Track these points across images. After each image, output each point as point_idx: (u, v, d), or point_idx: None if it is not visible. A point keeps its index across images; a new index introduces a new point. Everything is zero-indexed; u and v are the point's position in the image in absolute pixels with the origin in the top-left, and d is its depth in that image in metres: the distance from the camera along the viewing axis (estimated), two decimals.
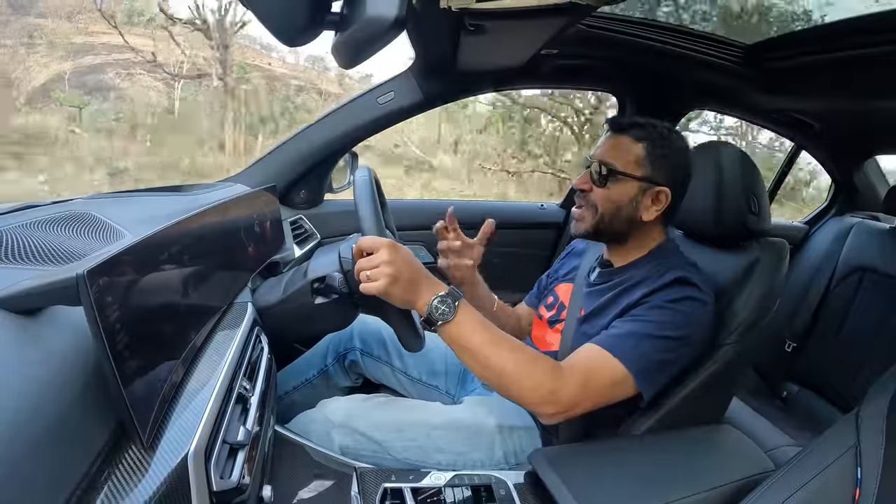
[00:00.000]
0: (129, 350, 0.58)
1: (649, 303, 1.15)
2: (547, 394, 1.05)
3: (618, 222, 1.25)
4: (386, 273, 0.99)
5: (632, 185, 1.22)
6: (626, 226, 1.26)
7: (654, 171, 1.22)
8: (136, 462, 0.57)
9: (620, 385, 1.10)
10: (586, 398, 1.08)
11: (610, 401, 1.11)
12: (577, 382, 1.07)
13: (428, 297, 1.02)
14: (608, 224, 1.25)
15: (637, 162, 1.22)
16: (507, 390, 1.06)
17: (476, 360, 1.04)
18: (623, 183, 1.22)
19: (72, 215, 0.97)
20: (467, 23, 1.26)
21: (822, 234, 2.76)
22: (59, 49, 8.51)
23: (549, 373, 1.06)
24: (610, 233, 1.28)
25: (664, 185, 1.23)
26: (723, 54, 1.90)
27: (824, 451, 0.85)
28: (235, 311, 1.06)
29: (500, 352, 1.04)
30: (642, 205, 1.24)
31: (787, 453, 1.63)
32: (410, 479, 1.05)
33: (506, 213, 2.57)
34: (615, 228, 1.26)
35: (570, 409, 1.07)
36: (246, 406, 0.84)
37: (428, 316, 1.02)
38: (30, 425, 0.49)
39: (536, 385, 1.04)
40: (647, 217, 1.24)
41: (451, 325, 1.03)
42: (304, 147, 1.91)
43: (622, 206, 1.24)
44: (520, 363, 1.04)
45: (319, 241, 1.94)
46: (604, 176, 1.23)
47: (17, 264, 0.71)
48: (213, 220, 1.03)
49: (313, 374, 1.53)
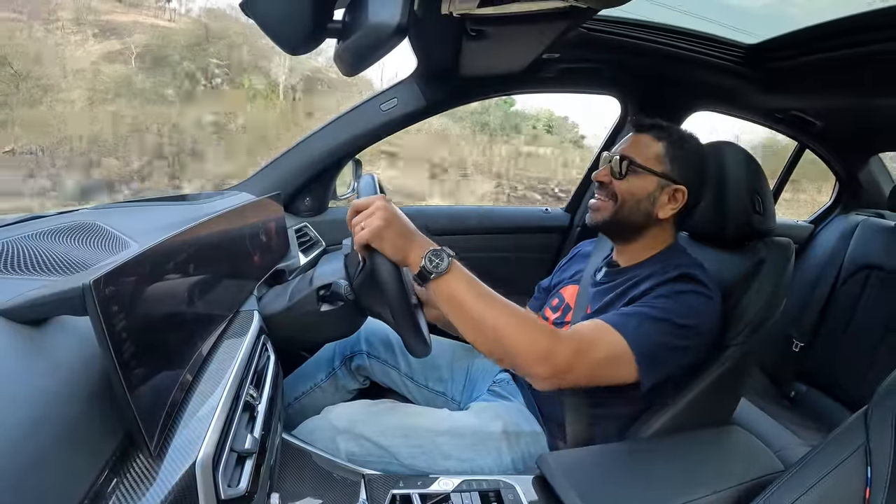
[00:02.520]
0: (136, 359, 0.58)
1: (655, 292, 1.16)
2: (541, 352, 1.02)
3: (635, 215, 1.27)
4: (379, 217, 1.02)
5: (651, 179, 1.25)
6: (642, 219, 1.28)
7: (672, 169, 1.25)
8: (144, 471, 0.57)
9: (619, 361, 1.08)
10: (581, 365, 1.05)
11: (607, 378, 1.09)
12: (574, 347, 1.05)
13: (421, 251, 1.02)
14: (626, 215, 1.27)
15: (657, 158, 1.26)
16: (501, 347, 1.03)
17: (470, 316, 1.03)
18: (642, 176, 1.26)
19: (77, 225, 0.98)
20: (469, 28, 1.27)
21: (827, 233, 2.75)
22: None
23: (545, 332, 1.04)
24: (626, 224, 1.29)
25: (681, 184, 1.25)
26: (724, 55, 1.91)
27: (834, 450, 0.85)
28: (241, 319, 1.06)
29: (494, 307, 1.03)
30: (659, 201, 1.26)
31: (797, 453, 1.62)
32: (419, 486, 1.05)
33: (510, 217, 2.57)
34: (632, 221, 1.28)
35: (564, 372, 1.04)
36: (253, 414, 0.84)
37: (422, 269, 1.02)
38: (37, 435, 0.49)
39: (531, 342, 1.02)
40: (662, 214, 1.26)
41: (445, 279, 1.02)
42: (308, 155, 1.91)
43: (641, 200, 1.26)
44: (514, 318, 1.03)
45: (324, 248, 1.94)
46: (624, 169, 1.26)
47: (23, 275, 0.72)
48: (218, 228, 1.03)
49: (322, 378, 1.53)
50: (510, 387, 1.43)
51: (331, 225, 2.04)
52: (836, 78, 1.81)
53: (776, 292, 1.26)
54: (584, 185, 2.49)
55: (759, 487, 0.96)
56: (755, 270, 1.28)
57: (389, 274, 1.04)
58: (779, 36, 1.77)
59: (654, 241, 1.31)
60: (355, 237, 1.04)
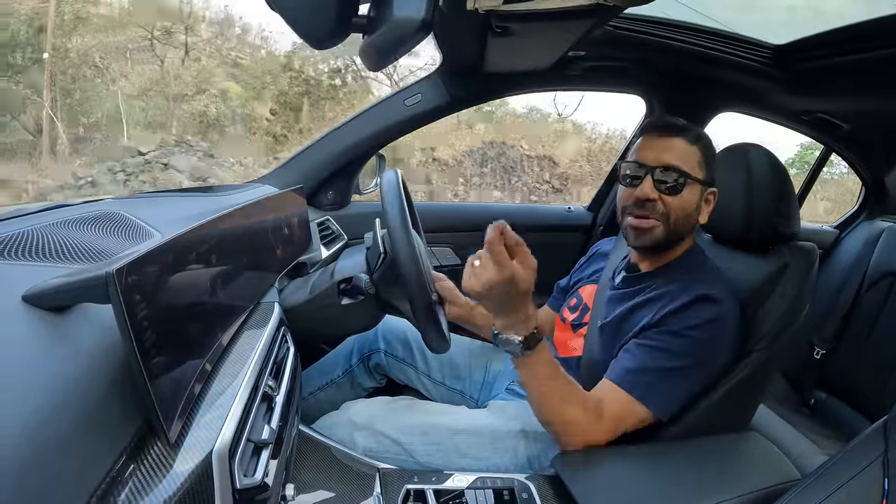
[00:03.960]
0: (157, 348, 0.58)
1: (668, 325, 1.15)
2: (580, 434, 1.11)
3: (685, 228, 1.24)
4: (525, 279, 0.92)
5: (698, 189, 1.22)
6: (690, 230, 1.26)
7: (708, 173, 1.23)
8: (161, 459, 0.58)
9: (641, 421, 1.14)
10: (609, 437, 1.13)
11: (633, 427, 1.15)
12: (606, 429, 1.12)
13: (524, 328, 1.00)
14: (677, 233, 1.24)
15: (700, 165, 1.22)
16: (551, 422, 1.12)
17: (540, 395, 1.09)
18: (692, 187, 1.21)
19: (102, 215, 0.99)
20: (494, 25, 1.26)
21: (852, 239, 2.70)
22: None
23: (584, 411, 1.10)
24: (675, 241, 1.26)
25: (713, 186, 1.24)
26: (751, 55, 1.88)
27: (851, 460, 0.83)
28: (262, 310, 1.06)
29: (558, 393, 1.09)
30: (703, 208, 1.24)
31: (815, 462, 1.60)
32: (433, 481, 1.05)
33: (533, 215, 2.57)
34: (681, 235, 1.26)
35: (589, 443, 1.11)
36: (271, 405, 0.84)
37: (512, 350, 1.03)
38: (57, 421, 0.49)
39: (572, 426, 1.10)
40: (703, 220, 1.25)
41: (534, 360, 1.05)
42: (331, 149, 1.92)
43: (691, 213, 1.23)
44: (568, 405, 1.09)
45: (346, 242, 1.95)
46: (678, 183, 1.19)
47: (47, 262, 0.73)
48: (241, 220, 1.04)
49: (338, 375, 1.54)
50: None
51: (353, 219, 2.05)
52: (864, 80, 1.78)
53: (799, 298, 1.24)
54: (608, 184, 2.48)
55: (775, 495, 0.95)
56: (779, 275, 1.26)
57: (412, 266, 1.04)
58: (806, 37, 1.74)
59: (677, 246, 1.29)
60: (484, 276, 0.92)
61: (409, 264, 1.04)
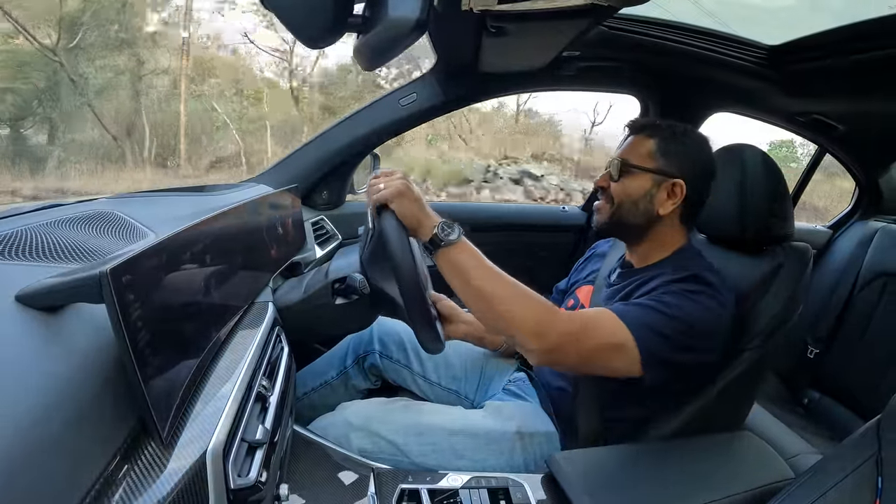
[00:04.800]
0: (151, 348, 0.58)
1: (663, 289, 1.15)
2: (537, 325, 1.05)
3: (634, 215, 1.27)
4: (401, 182, 1.08)
5: (645, 177, 1.25)
6: (643, 219, 1.27)
7: (666, 163, 1.24)
8: (155, 458, 0.58)
9: (619, 350, 1.08)
10: (578, 346, 1.07)
11: (604, 365, 1.10)
12: (572, 326, 1.07)
13: (434, 220, 1.09)
14: (624, 216, 1.27)
15: (649, 155, 1.25)
16: (501, 318, 1.06)
17: (475, 286, 1.07)
18: (636, 176, 1.25)
19: (95, 214, 0.99)
20: (489, 24, 1.26)
21: (845, 239, 2.70)
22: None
23: (544, 306, 1.07)
24: (627, 226, 1.29)
25: (678, 176, 1.23)
26: (745, 56, 1.89)
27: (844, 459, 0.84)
28: (256, 310, 1.07)
29: (499, 280, 1.08)
30: (657, 198, 1.25)
31: (808, 461, 1.61)
32: (427, 481, 1.05)
33: (527, 215, 2.57)
34: (632, 221, 1.27)
35: (558, 348, 1.06)
36: (265, 405, 0.84)
37: (434, 235, 1.07)
38: (49, 420, 0.49)
39: (529, 313, 1.05)
40: (663, 211, 1.25)
41: (455, 248, 1.08)
42: (326, 148, 1.92)
43: (638, 200, 1.26)
44: (517, 291, 1.07)
45: (341, 241, 1.95)
46: (618, 170, 1.26)
47: (40, 262, 0.72)
48: (235, 220, 1.04)
49: (332, 376, 1.54)
50: (526, 386, 1.43)
51: (347, 219, 2.05)
52: (860, 81, 1.79)
53: (793, 298, 1.24)
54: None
55: (769, 494, 0.95)
56: (772, 275, 1.26)
57: (399, 240, 1.05)
58: (801, 38, 1.74)
59: (664, 242, 1.29)
60: (372, 196, 1.08)
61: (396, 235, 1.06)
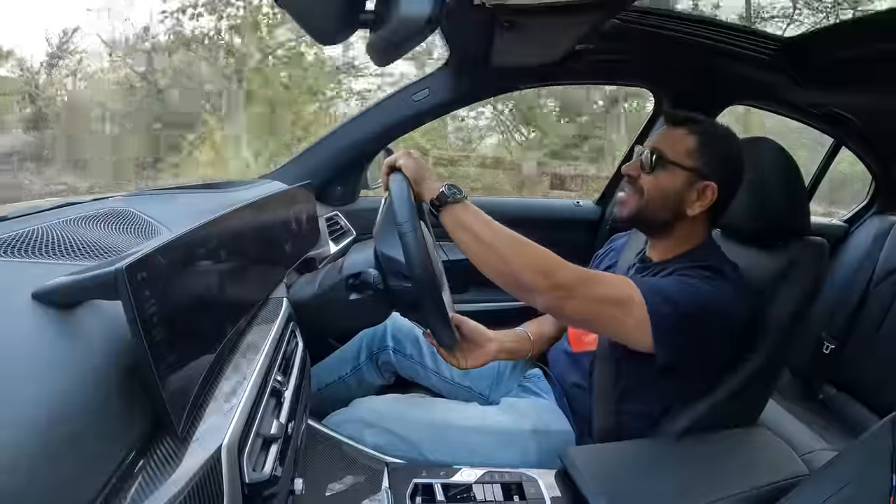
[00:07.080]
0: (166, 343, 0.59)
1: (682, 272, 1.16)
2: (544, 264, 1.07)
3: (661, 211, 1.24)
4: (414, 154, 1.16)
5: (680, 174, 1.22)
6: (670, 216, 1.24)
7: (703, 164, 1.21)
8: (170, 453, 0.59)
9: (627, 305, 1.08)
10: (585, 290, 1.08)
11: (614, 320, 1.10)
12: (581, 272, 1.09)
13: (440, 183, 1.13)
14: (652, 212, 1.25)
15: (688, 153, 1.21)
16: (507, 266, 1.07)
17: (480, 239, 1.09)
18: (671, 172, 1.22)
19: (111, 212, 0.99)
20: (502, 19, 1.26)
21: (861, 233, 2.65)
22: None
23: (550, 255, 1.08)
24: (652, 221, 1.27)
25: (712, 180, 1.21)
26: (761, 48, 1.86)
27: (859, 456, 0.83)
28: (271, 305, 1.07)
29: (503, 233, 1.10)
30: (689, 198, 1.22)
31: (822, 458, 1.59)
32: (441, 476, 1.06)
33: (541, 210, 2.56)
34: (659, 217, 1.25)
35: (564, 287, 1.06)
36: (280, 400, 0.85)
37: (440, 193, 1.11)
38: (67, 416, 0.50)
39: (537, 253, 1.08)
40: (691, 212, 1.23)
41: (459, 206, 1.11)
42: (339, 144, 1.93)
43: (668, 196, 1.23)
44: (522, 238, 1.10)
45: (355, 237, 1.95)
46: (653, 163, 1.23)
47: (56, 259, 0.73)
48: (249, 216, 1.04)
49: (346, 373, 1.54)
50: (542, 383, 1.42)
51: (362, 214, 2.05)
52: (876, 73, 1.76)
53: (808, 292, 1.23)
54: (617, 177, 2.46)
55: (782, 491, 0.95)
56: (788, 269, 1.25)
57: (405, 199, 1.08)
58: (816, 29, 1.73)
59: (686, 238, 1.28)
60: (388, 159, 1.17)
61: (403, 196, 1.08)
